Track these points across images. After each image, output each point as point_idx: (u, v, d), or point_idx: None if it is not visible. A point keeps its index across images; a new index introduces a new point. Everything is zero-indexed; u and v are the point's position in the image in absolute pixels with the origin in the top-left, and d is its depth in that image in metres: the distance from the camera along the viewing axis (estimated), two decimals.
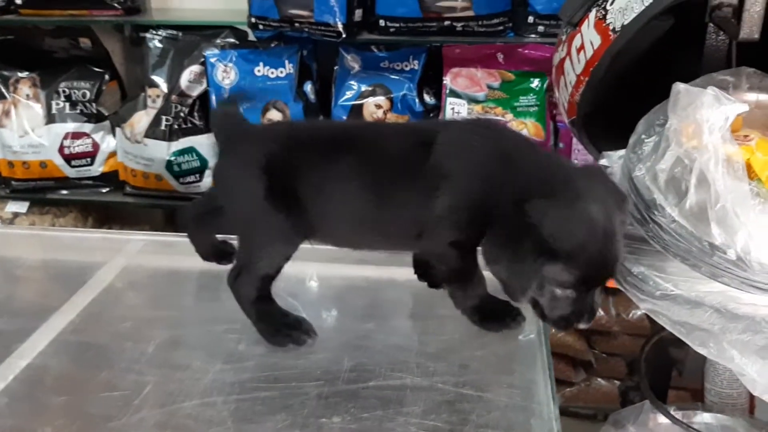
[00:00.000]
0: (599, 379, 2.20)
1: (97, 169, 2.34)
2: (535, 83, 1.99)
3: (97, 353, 1.03)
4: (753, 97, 0.96)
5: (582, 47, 1.15)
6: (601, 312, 2.16)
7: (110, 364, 1.00)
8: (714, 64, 1.11)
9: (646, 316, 1.49)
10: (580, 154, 2.02)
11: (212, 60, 2.09)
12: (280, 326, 1.03)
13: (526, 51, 1.99)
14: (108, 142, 2.33)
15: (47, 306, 1.12)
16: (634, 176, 0.96)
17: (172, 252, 1.33)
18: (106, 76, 2.31)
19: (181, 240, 1.22)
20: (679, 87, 0.88)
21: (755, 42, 1.03)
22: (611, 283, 0.96)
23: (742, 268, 0.85)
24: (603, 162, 1.09)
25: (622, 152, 1.05)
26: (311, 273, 1.24)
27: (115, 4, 2.14)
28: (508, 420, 0.88)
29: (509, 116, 2.00)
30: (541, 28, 1.96)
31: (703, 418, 1.24)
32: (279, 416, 0.89)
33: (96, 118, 2.31)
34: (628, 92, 1.16)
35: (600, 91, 1.15)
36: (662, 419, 1.22)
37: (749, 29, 1.03)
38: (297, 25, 1.98)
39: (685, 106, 0.86)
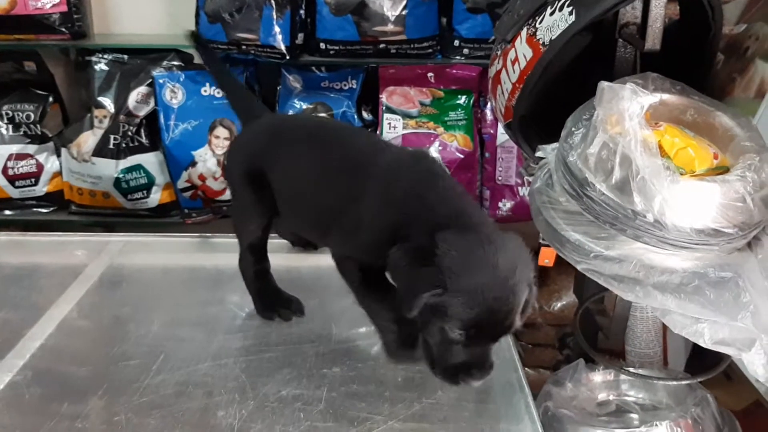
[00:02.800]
0: (528, 369, 2.42)
1: (42, 189, 2.39)
2: (463, 99, 2.21)
3: (104, 333, 1.14)
4: (657, 96, 1.18)
5: (516, 59, 1.36)
6: None
7: (120, 340, 1.11)
8: (624, 71, 1.34)
9: (576, 290, 1.70)
10: (503, 162, 2.25)
11: (161, 81, 2.20)
12: (272, 302, 1.17)
13: (454, 71, 2.21)
14: (52, 163, 2.38)
15: (44, 299, 1.21)
16: (568, 161, 1.16)
17: (151, 250, 1.44)
18: (50, 99, 2.37)
19: (159, 239, 1.34)
20: (603, 84, 1.09)
21: (656, 52, 1.27)
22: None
23: (658, 228, 1.06)
24: (538, 154, 1.28)
25: (554, 145, 1.26)
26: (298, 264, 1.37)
27: (63, 29, 2.22)
28: None
29: (440, 129, 2.20)
30: (465, 51, 2.18)
31: (625, 377, 1.44)
32: (285, 370, 1.02)
33: (40, 140, 2.36)
34: (556, 97, 1.37)
35: (533, 96, 1.35)
36: (594, 375, 1.43)
37: (652, 42, 1.27)
38: (244, 47, 2.12)
39: (609, 99, 1.07)
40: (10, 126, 2.34)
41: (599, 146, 1.11)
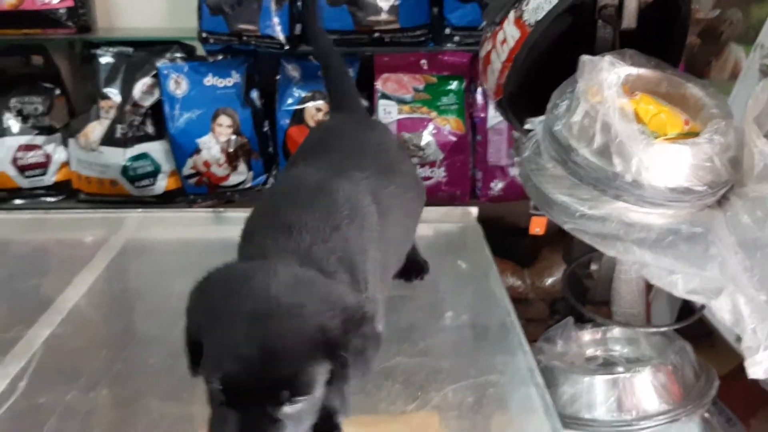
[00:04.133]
0: None
1: (50, 178, 2.48)
2: (455, 85, 2.31)
3: (131, 297, 1.24)
4: (633, 68, 1.29)
5: (505, 40, 1.47)
6: (518, 282, 2.50)
7: (147, 303, 1.21)
8: (603, 49, 1.44)
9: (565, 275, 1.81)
10: (494, 144, 2.36)
11: (165, 72, 2.30)
12: None
13: (446, 58, 2.31)
14: (59, 153, 2.47)
15: (70, 269, 1.31)
16: (554, 130, 1.27)
17: (168, 224, 1.54)
18: (57, 92, 2.46)
19: (174, 214, 1.43)
20: (584, 57, 1.20)
21: (632, 30, 1.38)
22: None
23: (636, 188, 1.17)
24: (527, 127, 1.39)
25: (541, 117, 1.37)
26: None
27: (69, 23, 2.31)
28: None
29: (434, 114, 2.31)
30: (456, 38, 2.28)
31: (613, 333, 1.56)
32: None
33: (47, 131, 2.45)
34: (542, 74, 1.48)
35: (521, 74, 1.46)
36: (583, 333, 1.54)
37: (628, 21, 1.38)
38: (244, 38, 2.22)
39: (589, 70, 1.18)
40: (19, 118, 2.43)
41: (582, 115, 1.22)
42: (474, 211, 1.50)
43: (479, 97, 2.35)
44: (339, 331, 0.70)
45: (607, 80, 1.16)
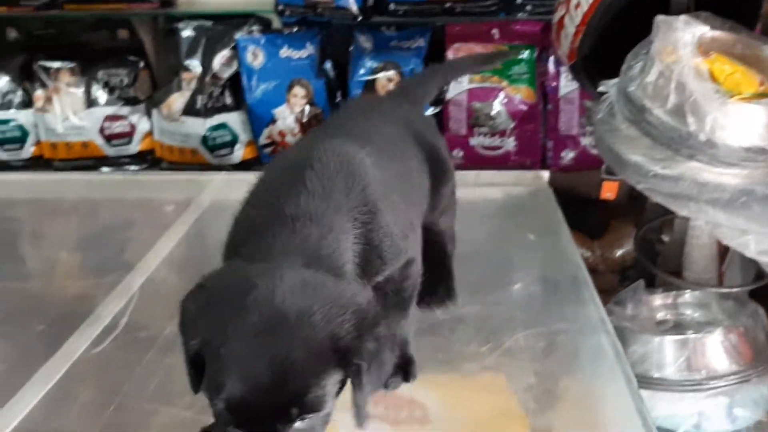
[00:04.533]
0: None
1: (135, 147, 2.60)
2: (526, 54, 2.32)
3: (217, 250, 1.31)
4: (709, 31, 1.29)
5: (579, 4, 1.48)
6: (587, 253, 2.50)
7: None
8: (678, 12, 1.44)
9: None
10: (565, 114, 2.35)
11: (243, 44, 2.38)
12: None
13: (517, 27, 2.32)
14: (143, 124, 2.59)
15: (158, 225, 1.39)
16: (628, 91, 1.28)
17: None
18: (141, 64, 2.58)
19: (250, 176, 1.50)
20: (659, 18, 1.21)
21: None
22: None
23: (710, 147, 1.18)
24: (601, 89, 1.40)
25: (615, 79, 1.38)
26: None
27: None
28: None
29: (504, 83, 2.32)
30: (528, 7, 2.28)
31: (684, 297, 1.56)
32: None
33: (132, 102, 2.57)
34: (615, 38, 1.48)
35: (594, 37, 1.47)
36: (653, 297, 1.55)
37: None
38: (319, 10, 2.28)
39: (665, 31, 1.19)
40: (106, 90, 2.55)
41: (656, 75, 1.22)
42: (545, 175, 1.53)
43: (551, 66, 2.34)
44: (351, 336, 0.65)
45: (683, 40, 1.17)
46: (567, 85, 2.31)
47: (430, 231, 1.00)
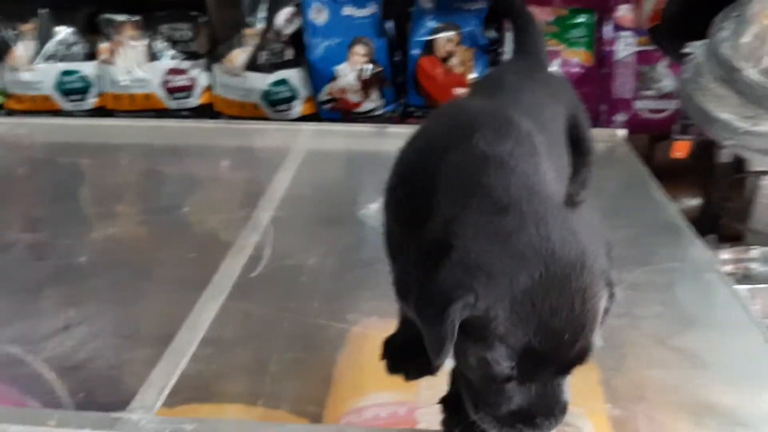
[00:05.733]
0: None
1: (195, 101, 2.66)
2: (585, 18, 2.37)
3: (327, 190, 1.39)
4: None
5: None
6: None
7: (339, 195, 1.36)
8: None
9: None
10: (620, 78, 2.41)
11: (307, 1, 2.43)
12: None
13: None
14: (203, 78, 2.65)
15: (267, 168, 1.47)
16: (720, 52, 1.35)
17: (336, 135, 1.69)
18: (202, 19, 2.63)
19: (342, 128, 1.57)
20: None
21: None
22: None
23: None
24: (687, 50, 1.47)
25: (700, 42, 1.44)
26: None
27: None
28: None
29: (563, 46, 2.38)
30: None
31: (751, 253, 1.64)
32: None
33: (193, 56, 2.63)
34: (698, 3, 1.54)
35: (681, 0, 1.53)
36: (723, 252, 1.63)
37: None
38: None
39: None
40: (168, 44, 2.61)
41: (752, 37, 1.29)
42: (621, 132, 1.59)
43: (609, 31, 2.40)
44: (609, 268, 0.64)
45: None
46: (624, 49, 2.37)
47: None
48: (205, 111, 2.67)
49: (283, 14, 2.49)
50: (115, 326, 0.91)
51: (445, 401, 0.75)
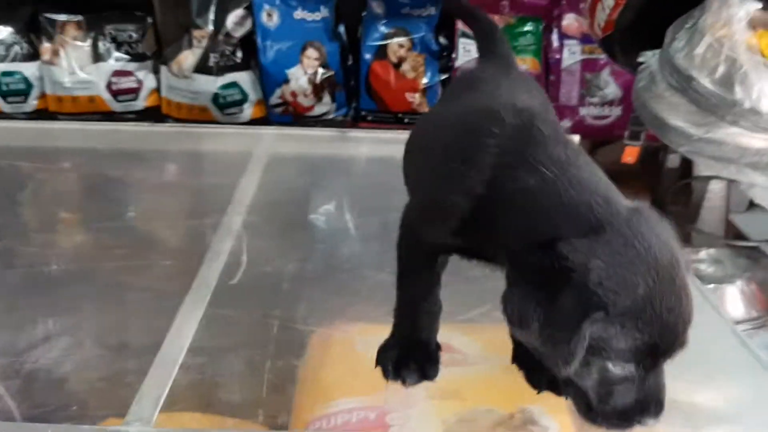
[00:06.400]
0: None
1: (141, 103, 2.61)
2: (533, 26, 2.43)
3: (295, 196, 1.39)
4: (759, 4, 1.41)
5: None
6: None
7: (311, 202, 1.36)
8: None
9: None
10: (566, 85, 2.48)
11: (258, 4, 2.41)
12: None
13: (525, 0, 2.43)
14: (150, 80, 2.60)
15: (231, 174, 1.44)
16: (675, 61, 1.40)
17: (300, 140, 1.69)
18: (149, 20, 2.58)
19: (305, 132, 1.57)
20: None
21: None
22: None
23: (753, 114, 1.31)
24: (641, 59, 1.52)
25: (654, 51, 1.50)
26: None
27: None
28: None
29: None
30: None
31: (699, 254, 1.71)
32: None
33: (140, 58, 2.58)
34: (649, 13, 1.60)
35: (634, 10, 1.59)
36: None
37: None
38: None
39: (719, 6, 1.31)
40: (113, 45, 2.55)
41: (705, 47, 1.35)
42: (576, 138, 1.64)
43: (555, 39, 2.47)
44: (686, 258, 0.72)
45: (737, 15, 1.29)
46: (569, 57, 2.44)
47: None
48: (152, 114, 2.61)
49: (233, 16, 2.47)
50: (98, 336, 0.88)
51: (518, 359, 0.86)
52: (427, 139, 0.85)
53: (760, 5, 1.37)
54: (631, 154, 1.73)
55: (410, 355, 0.81)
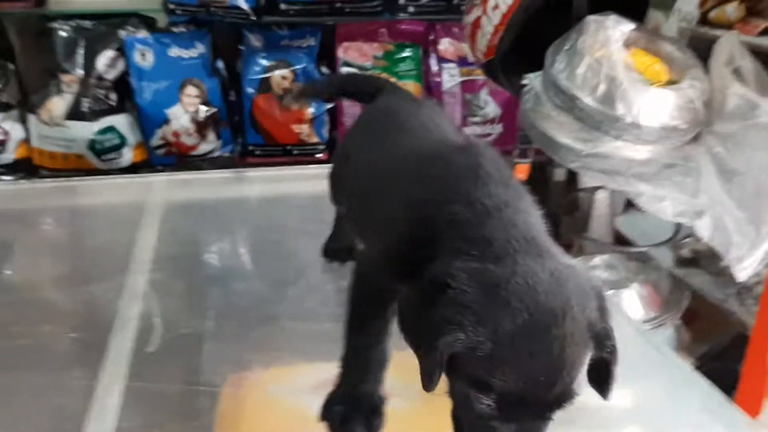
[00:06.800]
0: None
1: (9, 156, 2.44)
2: (411, 52, 2.48)
3: (196, 255, 1.33)
4: (632, 25, 1.50)
5: (497, 6, 1.65)
6: None
7: (217, 247, 1.31)
8: (580, 11, 1.65)
9: None
10: (449, 107, 2.54)
11: (131, 44, 2.32)
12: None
13: (403, 26, 2.48)
14: (17, 130, 2.44)
15: (126, 229, 1.37)
16: (558, 83, 1.47)
17: (191, 185, 1.63)
18: (11, 66, 2.42)
19: (195, 176, 1.53)
20: (590, 18, 1.40)
21: None
22: None
23: (635, 128, 1.39)
24: (524, 81, 1.58)
25: (537, 73, 1.56)
26: None
27: None
28: None
29: (393, 79, 2.46)
30: (411, 9, 2.44)
31: (593, 261, 1.79)
32: None
33: (4, 108, 2.41)
34: (529, 36, 1.67)
35: (513, 35, 1.65)
36: None
37: None
38: (212, 9, 2.29)
39: (595, 29, 1.38)
40: None
41: (585, 68, 1.42)
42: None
43: (433, 64, 2.52)
44: (600, 319, 0.65)
45: (613, 36, 1.37)
46: (449, 80, 2.51)
47: None
48: (23, 166, 2.45)
49: (104, 58, 2.36)
50: (9, 427, 0.80)
51: None
52: (374, 187, 0.85)
53: (633, 26, 1.45)
54: (521, 171, 1.79)
55: (356, 409, 0.78)
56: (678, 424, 0.95)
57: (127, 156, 2.45)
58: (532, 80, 1.57)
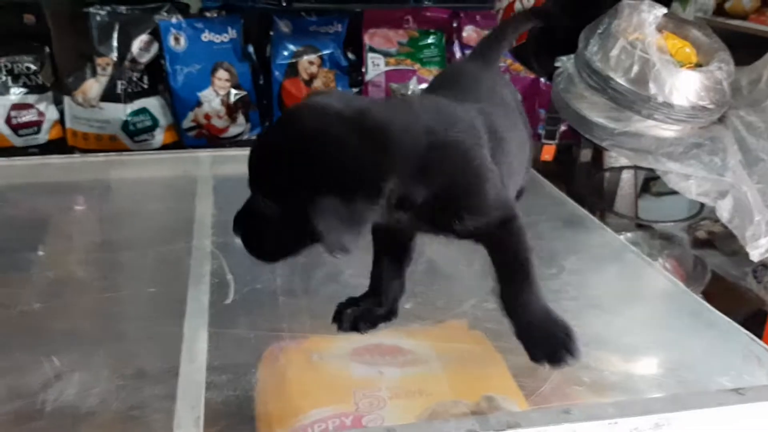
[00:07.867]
0: None
1: (44, 137, 2.51)
2: (435, 39, 2.55)
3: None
4: (665, 9, 1.57)
5: None
6: None
7: None
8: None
9: None
10: None
11: (165, 29, 2.39)
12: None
13: (428, 14, 2.54)
14: (52, 112, 2.51)
15: (180, 207, 1.43)
16: (592, 64, 1.54)
17: (235, 161, 1.70)
18: (47, 50, 2.49)
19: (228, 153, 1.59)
20: (624, 2, 1.47)
21: None
22: None
23: (666, 107, 1.46)
24: (557, 64, 1.65)
25: (567, 57, 1.64)
26: None
27: None
28: None
29: (417, 66, 2.54)
30: None
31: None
32: None
33: (39, 90, 2.48)
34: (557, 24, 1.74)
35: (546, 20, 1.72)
36: None
37: None
38: None
39: (629, 12, 1.45)
40: (10, 77, 2.45)
41: (619, 49, 1.49)
42: None
43: (457, 51, 2.59)
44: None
45: (648, 20, 1.44)
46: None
47: None
48: (57, 146, 2.52)
49: (139, 42, 2.43)
50: (111, 367, 0.87)
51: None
52: None
53: (666, 10, 1.52)
54: (548, 152, 1.86)
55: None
56: (724, 371, 1.02)
57: (159, 137, 2.51)
58: (565, 63, 1.64)
